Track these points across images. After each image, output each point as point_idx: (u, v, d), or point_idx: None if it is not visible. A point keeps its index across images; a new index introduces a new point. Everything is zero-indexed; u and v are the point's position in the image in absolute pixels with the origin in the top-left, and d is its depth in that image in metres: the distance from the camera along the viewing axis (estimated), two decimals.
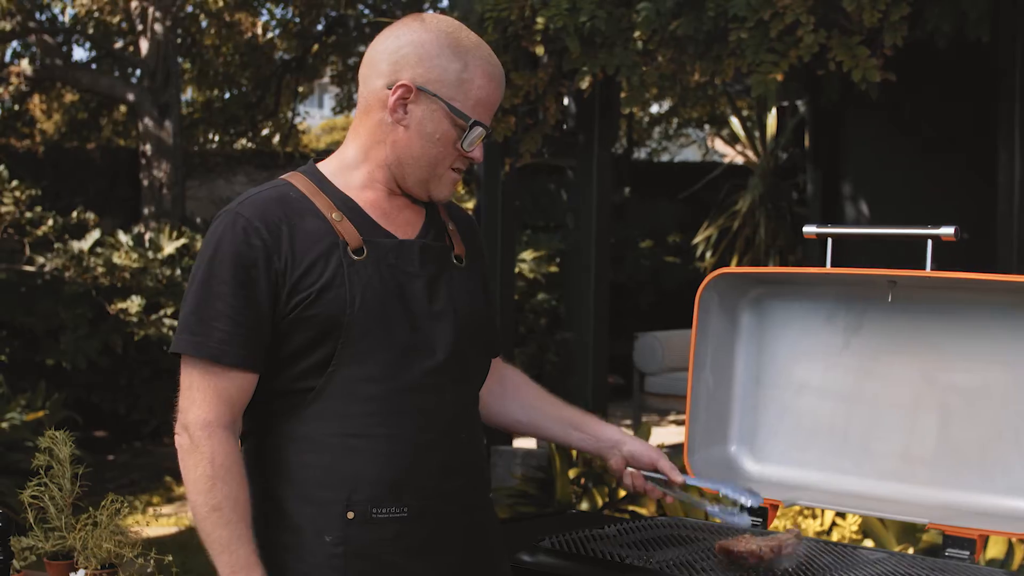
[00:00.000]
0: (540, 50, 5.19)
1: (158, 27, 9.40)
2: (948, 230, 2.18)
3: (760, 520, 2.39)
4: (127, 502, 2.47)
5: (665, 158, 15.36)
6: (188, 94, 12.52)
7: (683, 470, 2.48)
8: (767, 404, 2.51)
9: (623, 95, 5.60)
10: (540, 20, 5.01)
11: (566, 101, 6.13)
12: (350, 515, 1.84)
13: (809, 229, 2.35)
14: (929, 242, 2.20)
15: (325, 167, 1.98)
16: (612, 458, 2.18)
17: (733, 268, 2.44)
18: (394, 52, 1.91)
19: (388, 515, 1.85)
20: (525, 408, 2.22)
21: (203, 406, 1.84)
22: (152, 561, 2.39)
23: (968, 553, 2.12)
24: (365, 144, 1.95)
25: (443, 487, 1.90)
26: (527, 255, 9.73)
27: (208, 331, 1.83)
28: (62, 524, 2.42)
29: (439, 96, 1.89)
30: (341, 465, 1.85)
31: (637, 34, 4.76)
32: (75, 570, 2.37)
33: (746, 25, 4.29)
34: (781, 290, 2.48)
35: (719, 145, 15.50)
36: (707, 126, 14.49)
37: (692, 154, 16.67)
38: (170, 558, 2.36)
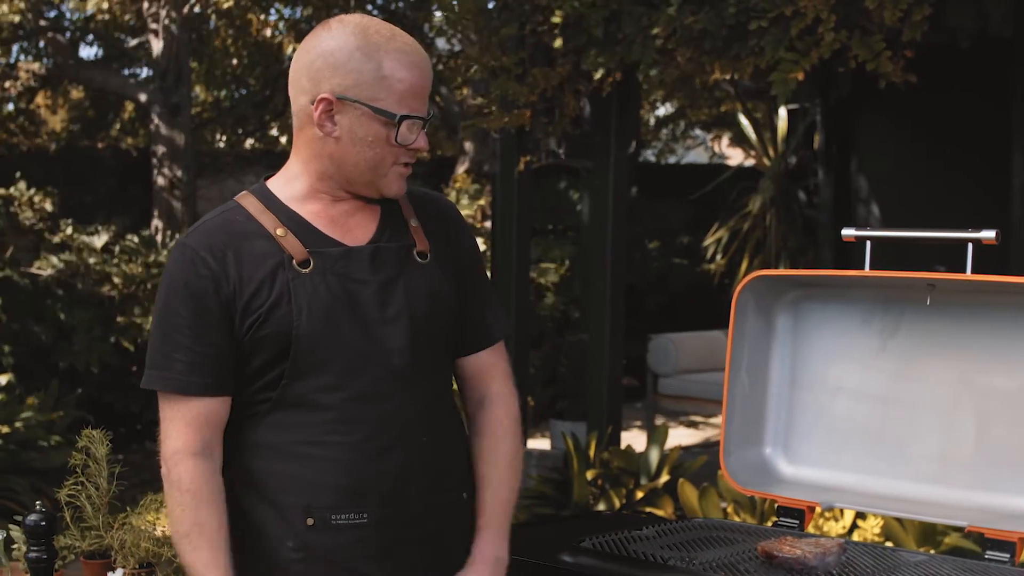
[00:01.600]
0: (558, 43, 5.18)
1: (169, 23, 9.39)
2: (989, 233, 2.19)
3: (797, 522, 2.40)
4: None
5: (672, 160, 15.35)
6: (194, 93, 12.53)
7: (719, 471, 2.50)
8: (802, 406, 2.51)
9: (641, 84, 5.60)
10: (558, 14, 5.01)
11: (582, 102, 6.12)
12: (310, 521, 1.87)
13: (848, 232, 2.35)
14: (969, 246, 2.20)
15: (273, 184, 1.99)
16: None
17: (770, 271, 2.44)
18: (309, 66, 1.90)
19: (348, 521, 1.87)
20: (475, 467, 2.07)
21: (173, 435, 1.89)
22: None
23: (1008, 556, 2.13)
24: (304, 158, 1.96)
25: (403, 492, 1.91)
26: (546, 267, 9.69)
27: (170, 364, 1.89)
28: (99, 523, 2.43)
29: (360, 101, 1.87)
30: (300, 472, 1.88)
31: (656, 31, 4.76)
32: (112, 569, 2.38)
33: (767, 16, 4.28)
34: (818, 293, 2.49)
35: (724, 147, 15.49)
36: (713, 129, 14.49)
37: (699, 156, 16.66)
38: None
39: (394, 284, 1.93)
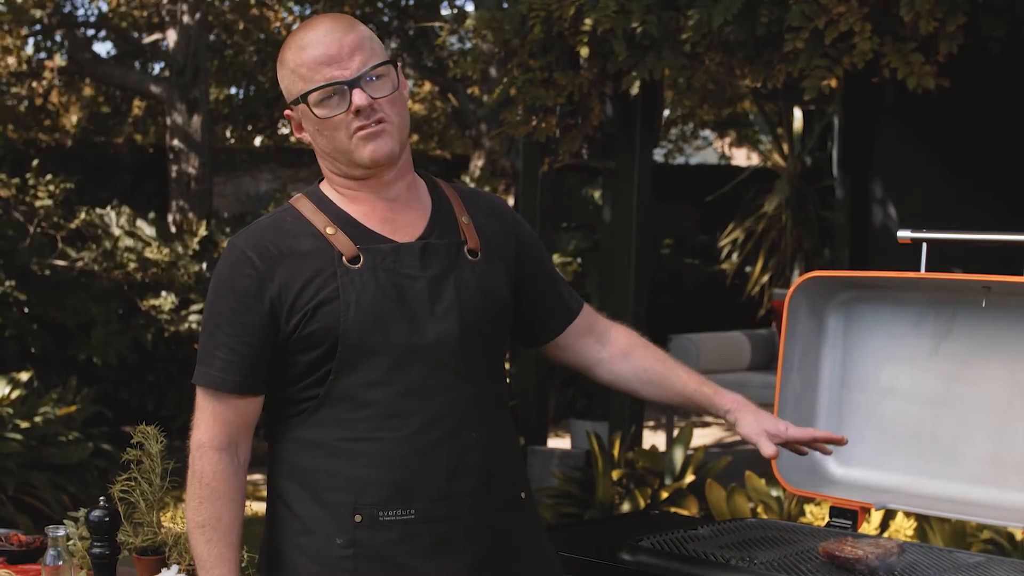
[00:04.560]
0: (585, 51, 5.18)
1: (187, 20, 9.40)
2: None
3: (850, 523, 2.40)
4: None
5: (680, 160, 15.37)
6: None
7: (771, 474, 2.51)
8: (853, 408, 2.52)
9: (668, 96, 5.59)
10: (588, 21, 5.00)
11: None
12: (358, 518, 1.88)
13: (904, 234, 2.36)
14: None
15: (324, 187, 2.03)
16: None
17: (823, 272, 2.45)
18: None
19: (395, 518, 1.88)
20: (638, 374, 2.19)
21: (201, 427, 1.93)
22: (245, 556, 2.40)
23: None
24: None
25: (451, 489, 1.91)
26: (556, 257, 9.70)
27: (211, 360, 1.92)
28: (153, 520, 2.44)
29: (294, 101, 1.95)
30: (348, 469, 1.89)
31: (686, 36, 4.76)
32: (167, 566, 2.38)
33: (801, 36, 4.28)
34: (870, 294, 2.49)
35: (728, 148, 15.51)
36: (722, 129, 14.49)
37: (710, 156, 16.68)
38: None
39: (444, 280, 1.94)
